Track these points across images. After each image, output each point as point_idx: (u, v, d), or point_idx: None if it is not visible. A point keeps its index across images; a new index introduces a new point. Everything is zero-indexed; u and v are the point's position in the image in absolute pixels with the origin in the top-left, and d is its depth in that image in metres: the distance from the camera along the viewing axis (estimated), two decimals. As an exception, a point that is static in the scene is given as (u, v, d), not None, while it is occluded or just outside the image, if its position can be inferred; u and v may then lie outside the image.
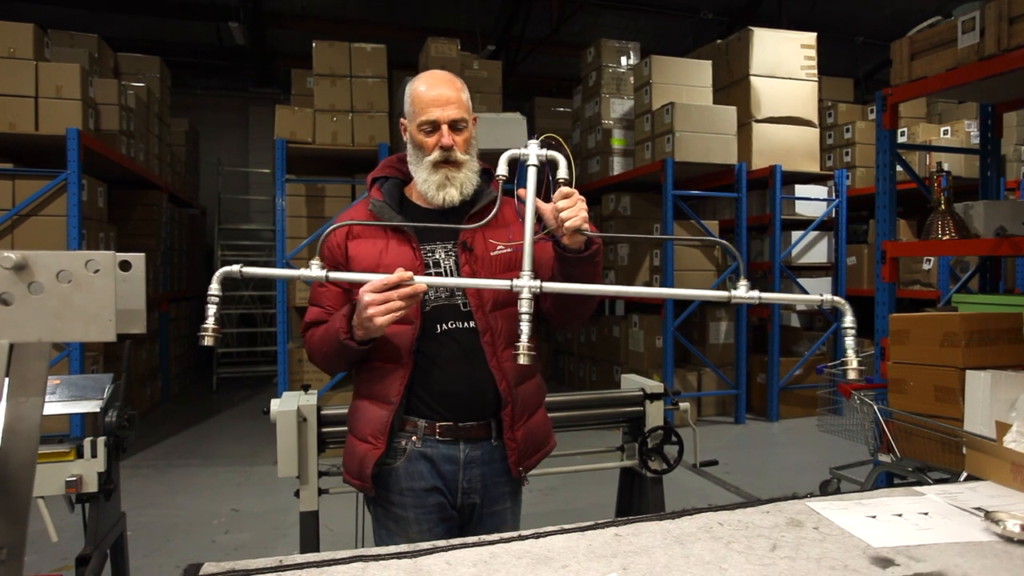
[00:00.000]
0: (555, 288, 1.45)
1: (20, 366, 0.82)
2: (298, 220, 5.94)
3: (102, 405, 2.10)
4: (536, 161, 1.49)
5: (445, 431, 1.67)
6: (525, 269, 1.44)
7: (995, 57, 2.80)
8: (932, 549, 1.25)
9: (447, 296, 1.68)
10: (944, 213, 3.18)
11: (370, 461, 1.65)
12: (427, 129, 1.68)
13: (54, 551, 2.99)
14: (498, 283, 1.46)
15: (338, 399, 5.52)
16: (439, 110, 1.66)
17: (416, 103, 1.69)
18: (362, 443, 1.68)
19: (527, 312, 1.40)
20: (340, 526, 3.68)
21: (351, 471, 1.73)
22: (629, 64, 7.36)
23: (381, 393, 1.66)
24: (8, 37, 4.85)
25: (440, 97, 1.68)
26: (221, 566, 1.19)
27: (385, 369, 1.66)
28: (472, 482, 1.70)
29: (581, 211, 1.51)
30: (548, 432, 1.87)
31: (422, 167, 1.70)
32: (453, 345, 1.66)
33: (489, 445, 1.71)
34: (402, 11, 9.10)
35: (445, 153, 1.67)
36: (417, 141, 1.70)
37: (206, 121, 10.24)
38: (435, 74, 1.74)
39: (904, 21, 4.03)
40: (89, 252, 0.84)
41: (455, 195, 1.69)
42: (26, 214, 4.82)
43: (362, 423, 1.69)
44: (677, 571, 1.17)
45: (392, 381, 1.64)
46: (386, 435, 1.64)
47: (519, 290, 1.42)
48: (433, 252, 1.70)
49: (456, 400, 1.67)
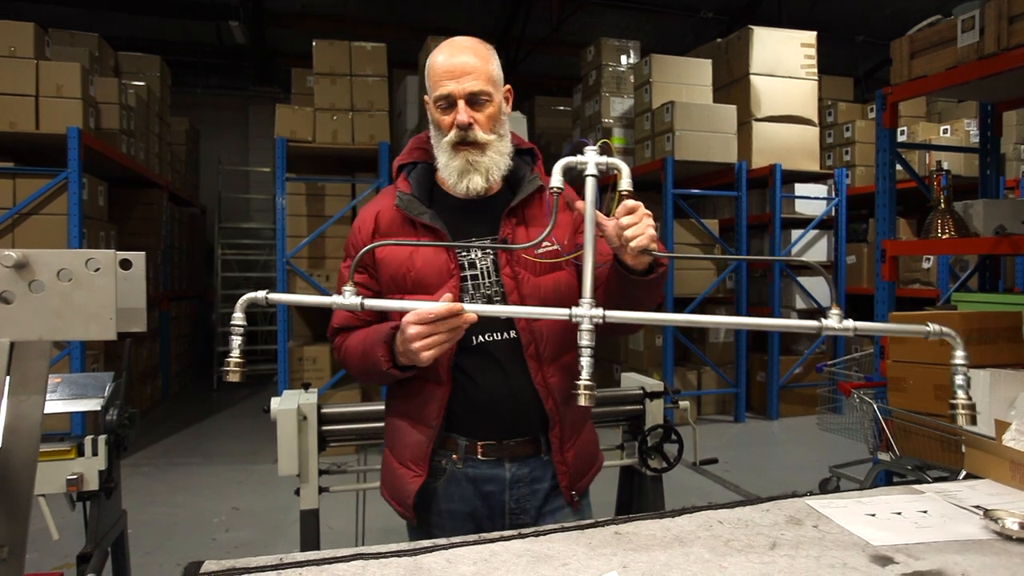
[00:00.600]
0: (620, 317, 1.26)
1: (21, 364, 0.82)
2: (298, 219, 5.94)
3: (103, 403, 2.10)
4: (595, 171, 1.30)
5: (488, 450, 1.51)
6: (585, 296, 1.25)
7: (995, 56, 2.80)
8: (931, 547, 1.25)
9: (484, 302, 1.49)
10: (944, 212, 3.19)
11: (412, 489, 1.51)
12: (442, 105, 1.47)
13: (55, 549, 2.99)
14: (556, 312, 1.27)
15: (339, 397, 5.53)
16: (453, 83, 1.45)
17: (431, 75, 1.49)
18: (402, 467, 1.54)
19: (588, 345, 1.22)
20: (340, 524, 3.68)
21: (390, 491, 1.59)
22: (629, 63, 7.35)
23: (419, 415, 1.51)
24: (9, 36, 4.85)
25: (456, 67, 1.45)
26: (222, 564, 1.19)
27: (423, 388, 1.50)
28: (521, 501, 1.54)
29: (648, 228, 1.32)
30: (596, 448, 1.70)
31: (441, 148, 1.51)
32: (492, 359, 1.49)
33: (539, 461, 1.55)
34: (402, 10, 9.10)
35: (462, 133, 1.46)
36: (434, 119, 1.51)
37: (206, 120, 10.24)
38: (455, 41, 1.51)
39: (904, 20, 4.03)
40: (89, 251, 0.84)
41: (479, 183, 1.49)
42: (27, 213, 4.82)
43: (400, 446, 1.55)
44: (677, 569, 1.17)
45: (431, 402, 1.49)
46: (427, 461, 1.50)
47: (579, 320, 1.23)
48: (468, 250, 1.50)
49: (498, 419, 1.50)
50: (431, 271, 1.46)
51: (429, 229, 1.48)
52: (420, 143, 1.62)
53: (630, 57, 7.37)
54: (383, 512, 4.04)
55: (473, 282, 1.49)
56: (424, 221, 1.48)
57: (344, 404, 2.69)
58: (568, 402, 1.53)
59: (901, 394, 2.60)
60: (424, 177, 1.57)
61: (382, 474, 1.63)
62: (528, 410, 1.50)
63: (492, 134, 1.49)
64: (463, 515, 1.53)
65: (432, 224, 1.48)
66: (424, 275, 1.46)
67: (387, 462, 1.60)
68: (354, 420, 2.62)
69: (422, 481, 1.50)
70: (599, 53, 7.31)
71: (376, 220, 1.54)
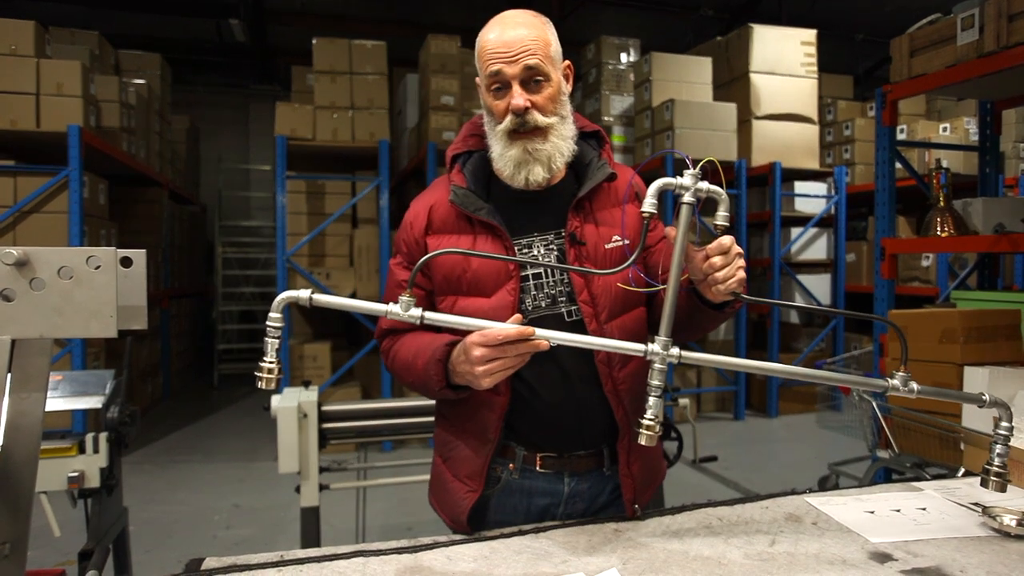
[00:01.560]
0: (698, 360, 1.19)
1: (22, 362, 0.83)
2: (298, 217, 5.94)
3: (104, 401, 2.10)
4: (693, 198, 1.17)
5: (547, 463, 1.41)
6: (662, 335, 1.16)
7: (994, 54, 2.79)
8: (930, 544, 1.26)
9: (548, 304, 1.36)
10: (943, 210, 3.19)
11: (466, 504, 1.39)
12: (495, 87, 1.32)
13: (57, 546, 2.99)
14: (630, 347, 1.17)
15: (339, 395, 5.53)
16: (504, 62, 1.28)
17: (480, 54, 1.32)
18: (456, 481, 1.43)
19: (658, 385, 1.13)
20: (341, 521, 3.69)
21: (441, 503, 1.48)
22: (629, 61, 7.34)
23: (476, 428, 1.39)
24: (9, 34, 4.85)
25: (508, 44, 1.28)
26: (222, 561, 1.20)
27: (479, 400, 1.36)
28: (572, 516, 1.44)
29: (739, 273, 1.21)
30: (661, 459, 1.60)
31: (496, 137, 1.35)
32: (556, 364, 1.36)
33: (600, 475, 1.44)
34: (402, 8, 9.09)
35: (518, 119, 1.30)
36: (487, 105, 1.35)
37: (207, 118, 10.24)
38: (506, 15, 1.34)
39: (904, 18, 4.03)
40: (90, 248, 0.85)
41: (540, 174, 1.34)
42: (28, 211, 4.82)
43: (455, 459, 1.44)
44: (676, 566, 1.17)
45: (489, 415, 1.37)
46: (483, 476, 1.39)
47: (652, 359, 1.14)
48: (530, 247, 1.37)
49: (561, 430, 1.39)
50: (488, 271, 1.34)
51: (487, 226, 1.35)
52: (474, 129, 1.46)
53: (630, 55, 7.36)
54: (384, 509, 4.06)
55: (535, 281, 1.36)
56: (481, 218, 1.34)
57: (344, 402, 2.70)
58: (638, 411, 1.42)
59: (900, 392, 2.60)
60: (480, 168, 1.41)
61: (432, 482, 1.53)
62: (595, 420, 1.40)
63: (553, 116, 1.33)
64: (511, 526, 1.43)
65: (490, 220, 1.34)
66: (481, 275, 1.34)
67: (439, 473, 1.49)
68: (354, 418, 2.63)
69: (477, 497, 1.39)
70: (599, 51, 7.31)
71: (429, 215, 1.40)
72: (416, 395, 6.07)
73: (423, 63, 6.26)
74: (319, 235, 5.77)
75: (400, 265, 1.45)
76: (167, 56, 7.71)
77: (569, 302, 1.36)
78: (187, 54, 9.50)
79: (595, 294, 1.35)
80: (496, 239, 1.35)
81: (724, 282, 1.21)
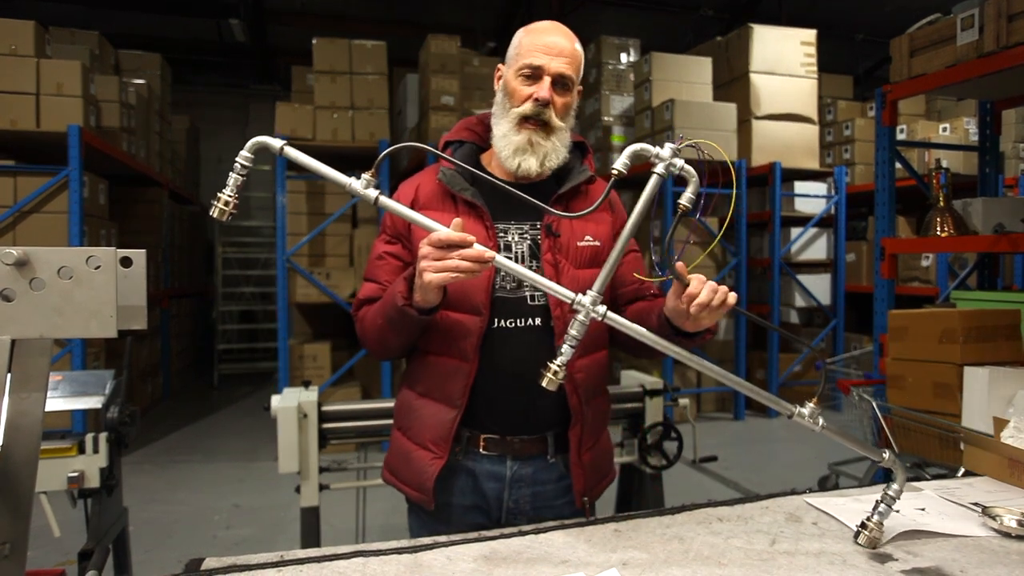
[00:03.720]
0: (619, 324, 1.20)
1: (22, 362, 0.83)
2: (298, 217, 5.94)
3: (104, 401, 2.10)
4: (663, 170, 1.21)
5: (490, 444, 1.46)
6: (595, 289, 1.18)
7: (994, 54, 2.79)
8: (930, 544, 1.26)
9: (513, 288, 1.43)
10: (943, 210, 3.19)
11: (432, 472, 1.43)
12: (526, 73, 1.42)
13: (57, 546, 2.99)
14: (560, 290, 1.19)
15: (339, 395, 5.53)
16: (547, 58, 1.41)
17: (526, 44, 1.43)
18: (420, 449, 1.46)
19: (575, 335, 1.15)
20: (341, 521, 3.69)
21: (402, 476, 1.51)
22: (629, 61, 7.35)
23: (442, 393, 1.44)
24: (9, 34, 4.85)
25: (553, 45, 1.42)
26: (222, 561, 1.20)
27: (447, 365, 1.43)
28: (520, 503, 1.49)
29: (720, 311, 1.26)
30: (611, 459, 1.64)
31: (507, 118, 1.44)
32: (514, 347, 1.41)
33: (543, 462, 1.48)
34: (402, 8, 9.09)
35: (538, 108, 1.41)
36: (509, 88, 1.44)
37: (207, 118, 10.24)
38: (552, 24, 1.48)
39: (904, 18, 4.03)
40: (90, 248, 0.85)
41: (533, 165, 1.43)
42: (28, 211, 4.82)
43: (419, 426, 1.47)
44: (676, 566, 1.17)
45: (455, 380, 1.42)
46: (449, 443, 1.43)
47: (578, 308, 1.17)
48: (506, 233, 1.45)
49: (509, 413, 1.44)
50: None
51: (470, 206, 1.44)
52: (469, 124, 1.59)
53: (630, 55, 7.36)
54: (384, 509, 4.06)
55: None
56: (466, 197, 1.43)
57: (344, 402, 2.70)
58: (590, 401, 1.48)
59: (900, 392, 2.60)
60: (469, 156, 1.53)
61: (390, 458, 1.56)
62: (545, 406, 1.44)
63: (562, 122, 1.45)
64: (461, 508, 1.49)
65: (474, 201, 1.43)
66: None
67: (399, 445, 1.52)
68: (354, 418, 2.63)
69: (443, 463, 1.43)
70: (599, 51, 7.31)
71: (416, 193, 1.50)
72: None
73: (423, 63, 6.26)
74: (319, 235, 5.77)
75: (383, 240, 1.53)
76: (167, 56, 7.71)
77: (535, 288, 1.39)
78: (187, 54, 9.50)
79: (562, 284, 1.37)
80: (478, 219, 1.43)
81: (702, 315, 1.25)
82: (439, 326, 1.41)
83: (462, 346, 1.41)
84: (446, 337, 1.42)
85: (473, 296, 1.40)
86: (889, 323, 2.82)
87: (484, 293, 1.40)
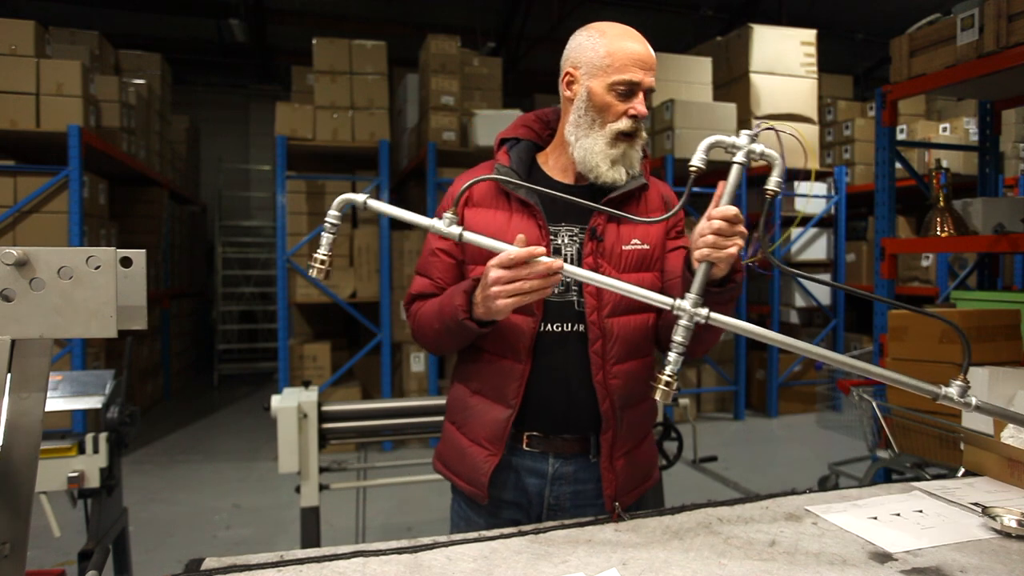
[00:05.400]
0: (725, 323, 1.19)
1: (22, 362, 0.83)
2: (299, 217, 5.95)
3: (104, 401, 2.10)
4: (744, 158, 1.21)
5: (533, 442, 1.48)
6: (693, 292, 1.18)
7: (994, 54, 2.79)
8: (930, 544, 1.26)
9: (561, 291, 1.44)
10: (943, 210, 3.19)
11: (487, 468, 1.46)
12: (621, 91, 1.41)
13: (57, 546, 3.00)
14: (658, 297, 1.20)
15: (339, 395, 5.53)
16: (643, 73, 1.41)
17: (614, 56, 1.41)
18: (475, 446, 1.49)
19: (681, 343, 1.15)
20: (341, 521, 3.69)
21: (455, 469, 1.54)
22: (629, 61, 7.34)
23: (497, 392, 1.46)
24: (9, 34, 4.85)
25: (646, 59, 1.42)
26: (222, 561, 1.20)
27: (501, 364, 1.45)
28: (560, 500, 1.50)
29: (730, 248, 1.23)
30: (652, 464, 1.62)
31: (600, 135, 1.43)
32: (558, 350, 1.44)
33: (585, 461, 1.49)
34: (402, 8, 9.09)
35: (636, 124, 1.43)
36: (602, 103, 1.42)
37: (207, 118, 10.24)
38: (634, 32, 1.46)
39: (904, 18, 4.03)
40: (90, 248, 0.85)
41: (623, 175, 1.44)
42: (28, 211, 4.82)
43: (475, 423, 1.49)
44: (676, 567, 1.17)
45: (510, 379, 1.44)
46: (504, 441, 1.45)
47: (680, 314, 1.16)
48: (556, 236, 1.45)
49: (553, 413, 1.46)
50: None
51: (524, 205, 1.45)
52: (527, 122, 1.59)
53: (630, 55, 7.36)
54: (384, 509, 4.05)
55: None
56: (520, 196, 1.44)
57: (344, 402, 2.70)
58: (627, 408, 1.47)
59: (900, 392, 2.60)
60: (525, 154, 1.53)
61: (441, 450, 1.59)
62: (582, 409, 1.45)
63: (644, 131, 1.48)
64: (500, 501, 1.51)
65: (528, 200, 1.44)
66: None
67: (453, 440, 1.55)
68: (354, 418, 2.63)
69: (498, 460, 1.45)
70: (599, 51, 7.30)
71: (471, 191, 1.49)
72: (416, 395, 6.05)
73: (423, 63, 6.25)
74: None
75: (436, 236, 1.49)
76: (167, 56, 7.71)
77: (581, 294, 1.43)
78: (187, 54, 9.50)
79: (601, 289, 1.39)
80: (531, 219, 1.44)
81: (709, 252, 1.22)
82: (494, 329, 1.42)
83: (516, 347, 1.43)
84: (501, 338, 1.44)
85: None
86: (889, 323, 2.82)
87: None
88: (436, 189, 5.57)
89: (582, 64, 1.44)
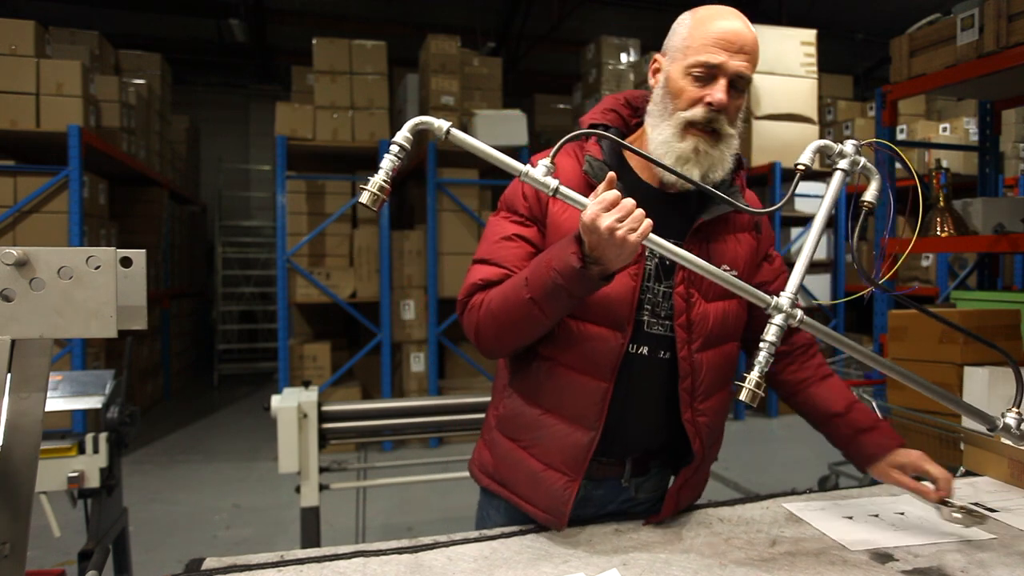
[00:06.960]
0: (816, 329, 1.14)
1: (22, 362, 0.83)
2: (299, 216, 5.94)
3: (104, 401, 2.10)
4: (847, 166, 1.15)
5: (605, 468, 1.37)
6: (789, 291, 1.10)
7: (994, 54, 2.79)
8: (930, 544, 1.26)
9: (650, 310, 1.28)
10: (943, 210, 3.18)
11: (568, 496, 1.29)
12: (698, 73, 1.22)
13: (57, 546, 2.99)
14: (756, 293, 1.10)
15: (339, 395, 5.53)
16: (727, 55, 1.21)
17: (697, 35, 1.23)
18: (550, 470, 1.31)
19: (772, 342, 1.06)
20: (341, 521, 3.69)
21: (524, 494, 1.35)
22: (629, 61, 7.34)
23: (575, 412, 1.28)
24: (9, 34, 4.85)
25: (734, 38, 1.23)
26: (223, 561, 1.20)
27: (580, 382, 1.27)
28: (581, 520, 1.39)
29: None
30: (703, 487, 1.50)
31: (668, 123, 1.25)
32: (643, 375, 1.30)
33: (616, 485, 1.39)
34: (402, 8, 9.09)
35: (711, 114, 1.22)
36: (675, 87, 1.24)
37: (207, 118, 10.24)
38: (730, 9, 1.28)
39: (904, 18, 4.03)
40: (90, 248, 0.85)
41: (695, 178, 1.22)
42: (28, 211, 4.82)
43: (550, 445, 1.31)
44: (677, 567, 1.17)
45: (591, 398, 1.27)
46: (585, 466, 1.29)
47: (772, 313, 1.08)
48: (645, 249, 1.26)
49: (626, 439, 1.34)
50: None
51: None
52: (615, 104, 1.39)
53: (630, 55, 7.36)
54: (384, 509, 4.04)
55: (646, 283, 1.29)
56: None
57: (344, 402, 2.70)
58: (714, 446, 1.40)
59: (900, 392, 2.60)
60: (618, 146, 1.31)
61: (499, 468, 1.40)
62: (663, 443, 1.38)
63: (732, 128, 1.26)
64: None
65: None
66: None
67: (517, 460, 1.35)
68: (354, 418, 2.63)
69: (579, 486, 1.30)
70: (599, 51, 7.30)
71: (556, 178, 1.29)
72: (416, 396, 6.02)
73: (423, 63, 6.26)
74: (319, 235, 5.76)
75: (511, 220, 1.33)
76: (167, 56, 7.71)
77: (669, 317, 1.29)
78: (187, 54, 9.50)
79: (693, 320, 1.28)
80: None
81: None
82: (575, 337, 1.26)
83: (600, 364, 1.26)
84: (583, 351, 1.27)
85: (618, 308, 1.25)
86: (889, 323, 2.82)
87: (628, 307, 1.25)
88: (436, 189, 5.57)
89: (668, 49, 1.28)
